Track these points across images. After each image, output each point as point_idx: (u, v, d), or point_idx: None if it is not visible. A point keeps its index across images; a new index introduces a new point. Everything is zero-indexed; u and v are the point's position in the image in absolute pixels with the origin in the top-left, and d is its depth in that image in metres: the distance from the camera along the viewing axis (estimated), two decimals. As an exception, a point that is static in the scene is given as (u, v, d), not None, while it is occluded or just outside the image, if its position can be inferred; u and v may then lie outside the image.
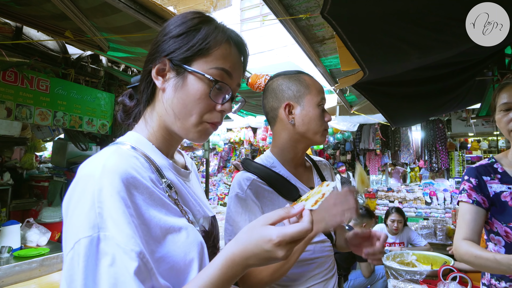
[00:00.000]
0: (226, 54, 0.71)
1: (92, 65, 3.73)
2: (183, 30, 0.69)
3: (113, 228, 0.54)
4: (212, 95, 0.69)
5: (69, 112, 3.39)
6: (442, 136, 7.07)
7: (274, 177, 1.13)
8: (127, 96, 0.80)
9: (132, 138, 0.71)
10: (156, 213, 0.62)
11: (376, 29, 1.53)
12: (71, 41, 2.53)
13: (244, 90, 3.89)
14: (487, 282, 1.38)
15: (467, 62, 2.66)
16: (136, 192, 0.60)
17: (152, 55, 0.72)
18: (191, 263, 0.66)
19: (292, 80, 1.16)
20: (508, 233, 1.25)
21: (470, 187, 1.35)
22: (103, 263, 0.53)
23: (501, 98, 1.29)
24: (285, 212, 0.60)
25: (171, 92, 0.70)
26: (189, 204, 0.75)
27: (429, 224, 4.12)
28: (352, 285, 3.42)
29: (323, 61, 2.75)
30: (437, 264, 2.80)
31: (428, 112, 4.00)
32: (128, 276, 0.53)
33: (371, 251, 1.07)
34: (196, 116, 0.70)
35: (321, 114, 1.15)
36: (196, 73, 0.69)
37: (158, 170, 0.68)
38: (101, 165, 0.58)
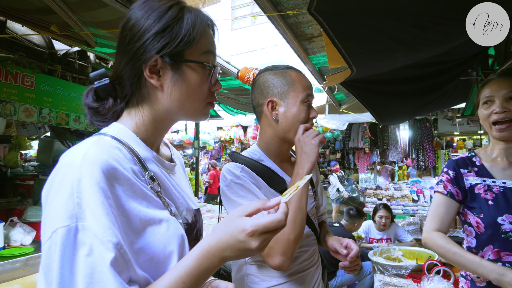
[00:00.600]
0: (210, 37, 0.74)
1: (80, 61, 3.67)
2: (165, 23, 0.67)
3: (91, 218, 0.54)
4: (212, 79, 0.74)
5: (56, 109, 3.33)
6: (429, 135, 7.22)
7: (261, 169, 1.14)
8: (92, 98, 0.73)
9: (116, 129, 0.70)
10: (136, 205, 0.62)
11: (363, 26, 1.55)
12: (57, 36, 2.49)
13: (234, 88, 3.89)
14: (464, 273, 1.43)
15: (452, 62, 2.72)
16: (117, 183, 0.60)
17: (137, 54, 0.68)
18: (171, 255, 0.66)
19: (278, 76, 1.16)
20: (479, 224, 1.30)
21: (447, 179, 1.41)
22: (80, 253, 0.53)
23: (484, 93, 1.34)
24: (261, 204, 0.61)
25: (171, 87, 0.70)
26: (172, 196, 0.75)
27: (415, 221, 4.21)
28: (340, 281, 3.46)
29: (312, 59, 2.78)
30: (422, 259, 2.86)
31: (415, 110, 4.08)
32: (104, 267, 0.53)
33: (347, 265, 1.13)
34: (202, 102, 0.74)
35: (305, 111, 1.14)
36: (191, 63, 0.70)
37: (141, 162, 0.68)
38: (82, 155, 0.58)
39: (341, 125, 6.92)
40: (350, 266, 1.12)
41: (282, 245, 0.97)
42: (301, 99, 1.13)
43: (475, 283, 1.34)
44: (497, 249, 1.26)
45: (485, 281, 1.30)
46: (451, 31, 1.58)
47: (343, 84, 2.51)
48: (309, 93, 1.15)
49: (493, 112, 1.28)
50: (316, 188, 1.34)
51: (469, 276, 1.38)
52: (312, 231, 1.22)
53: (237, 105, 5.13)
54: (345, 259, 1.12)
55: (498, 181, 1.32)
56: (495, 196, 1.29)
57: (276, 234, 0.60)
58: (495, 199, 1.29)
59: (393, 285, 2.35)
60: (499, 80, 1.31)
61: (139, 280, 0.59)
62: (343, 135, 8.38)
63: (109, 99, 0.73)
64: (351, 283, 3.59)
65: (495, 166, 1.35)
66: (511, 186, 1.29)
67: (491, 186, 1.32)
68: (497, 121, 1.28)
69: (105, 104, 0.73)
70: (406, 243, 3.71)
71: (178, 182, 0.82)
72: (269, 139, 1.20)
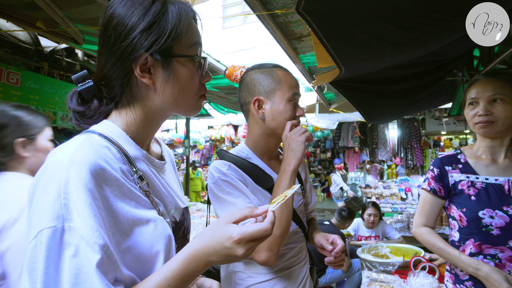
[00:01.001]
0: (195, 27, 0.73)
1: (67, 58, 3.61)
2: (151, 19, 0.65)
3: (78, 220, 0.54)
4: (203, 72, 0.74)
5: (42, 107, 3.27)
6: (417, 134, 7.35)
7: (248, 167, 1.15)
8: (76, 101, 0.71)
9: (106, 127, 0.69)
10: (124, 205, 0.62)
11: (350, 25, 1.58)
12: (44, 33, 2.45)
13: (225, 86, 3.89)
14: (449, 267, 1.49)
15: (438, 62, 2.78)
16: (105, 184, 0.59)
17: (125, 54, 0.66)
18: (157, 255, 0.66)
19: (265, 74, 1.16)
20: (462, 217, 1.37)
21: (432, 176, 1.48)
22: (66, 253, 0.53)
23: (470, 94, 1.38)
24: (249, 212, 0.62)
25: (163, 85, 0.69)
26: (161, 195, 0.75)
27: (403, 218, 4.29)
28: (329, 278, 3.50)
29: (302, 58, 2.80)
30: (408, 256, 2.92)
31: (403, 110, 4.15)
32: (90, 268, 0.53)
33: (332, 261, 1.14)
34: (195, 96, 0.74)
35: (291, 110, 1.14)
36: (181, 58, 0.70)
37: (130, 161, 0.67)
38: (70, 154, 0.58)
39: (331, 124, 6.99)
40: (336, 261, 1.13)
41: (268, 241, 0.98)
42: (287, 97, 1.13)
43: (459, 277, 1.40)
44: (478, 242, 1.31)
45: (468, 274, 1.36)
46: (435, 32, 1.62)
47: (332, 83, 2.54)
48: (295, 91, 1.15)
49: (477, 115, 1.34)
50: (304, 185, 1.35)
51: (454, 270, 1.43)
52: (299, 228, 1.23)
53: (227, 104, 5.12)
54: (330, 254, 1.14)
55: (481, 177, 1.37)
56: (478, 191, 1.35)
57: (262, 242, 0.62)
58: (478, 194, 1.34)
59: (380, 281, 2.39)
60: (484, 81, 1.35)
61: (125, 279, 0.60)
62: (333, 134, 8.46)
63: (94, 101, 0.71)
64: (340, 280, 3.64)
65: (479, 163, 1.40)
66: (493, 182, 1.34)
67: (474, 182, 1.37)
68: (480, 122, 1.34)
69: (90, 106, 0.71)
70: (393, 240, 3.77)
71: (168, 181, 0.82)
72: (256, 137, 1.21)
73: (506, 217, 1.26)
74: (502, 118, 1.30)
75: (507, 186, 1.31)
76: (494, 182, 1.34)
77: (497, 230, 1.28)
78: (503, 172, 1.36)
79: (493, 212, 1.29)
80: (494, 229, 1.28)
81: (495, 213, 1.28)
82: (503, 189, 1.31)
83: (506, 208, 1.28)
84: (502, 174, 1.35)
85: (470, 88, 1.39)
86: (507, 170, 1.36)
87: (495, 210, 1.29)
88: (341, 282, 3.72)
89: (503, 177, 1.33)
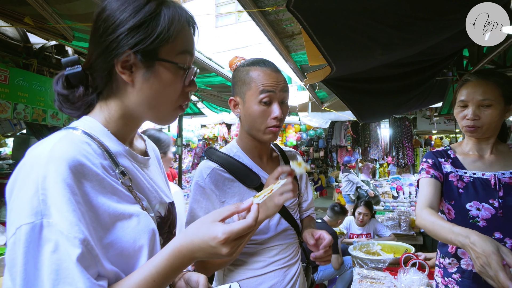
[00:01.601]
0: (188, 36, 0.71)
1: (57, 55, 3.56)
2: (141, 18, 0.65)
3: (56, 215, 0.54)
4: (186, 80, 0.71)
5: (31, 105, 3.22)
6: (408, 133, 7.43)
7: (235, 165, 1.15)
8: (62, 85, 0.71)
9: (87, 123, 0.69)
10: (106, 200, 0.62)
11: (341, 24, 1.59)
12: (32, 29, 2.40)
13: (217, 84, 3.87)
14: (438, 262, 1.53)
15: (429, 62, 2.81)
16: (84, 179, 0.59)
17: (109, 48, 0.66)
18: (141, 250, 0.66)
19: (243, 73, 1.15)
20: (450, 210, 1.42)
21: (428, 165, 1.49)
22: (45, 249, 0.53)
23: (460, 94, 1.41)
24: (235, 207, 0.63)
25: (141, 85, 0.68)
26: (145, 190, 0.75)
27: (394, 216, 4.34)
28: (321, 276, 3.52)
29: (293, 56, 2.81)
30: (399, 253, 2.96)
31: (394, 109, 4.19)
32: (71, 263, 0.53)
33: (318, 256, 1.12)
34: (172, 103, 0.71)
35: (263, 111, 1.09)
36: (166, 62, 0.67)
37: (112, 156, 0.67)
38: (48, 150, 0.57)
39: (324, 123, 7.02)
40: (322, 256, 1.11)
41: None
42: (258, 98, 1.09)
43: (447, 269, 1.44)
44: None
45: (455, 266, 1.41)
46: (422, 31, 1.64)
47: (323, 82, 2.55)
48: (269, 90, 1.09)
49: (466, 118, 1.37)
50: (299, 183, 1.34)
51: (442, 263, 1.47)
52: (291, 226, 1.23)
53: (220, 102, 5.11)
54: (316, 249, 1.12)
55: (468, 171, 1.43)
56: (465, 185, 1.40)
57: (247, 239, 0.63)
58: (465, 187, 1.39)
59: (371, 278, 2.42)
60: (475, 83, 1.36)
61: (108, 274, 0.59)
62: (326, 133, 8.51)
63: (80, 87, 0.71)
64: (332, 277, 3.67)
65: (467, 158, 1.46)
66: (480, 176, 1.40)
67: (462, 176, 1.42)
68: (468, 126, 1.38)
69: (75, 92, 0.70)
70: (385, 238, 3.81)
71: (152, 176, 0.81)
72: (242, 136, 1.22)
73: (492, 209, 1.32)
74: (487, 123, 1.34)
75: (493, 180, 1.36)
76: (481, 177, 1.39)
77: (483, 221, 1.32)
78: (489, 167, 1.41)
79: (480, 204, 1.34)
80: (480, 220, 1.33)
81: (481, 206, 1.33)
82: (489, 183, 1.36)
83: (492, 201, 1.33)
84: (488, 169, 1.40)
85: (461, 89, 1.41)
86: (493, 165, 1.41)
87: (482, 202, 1.34)
88: (333, 279, 3.75)
89: (489, 172, 1.39)
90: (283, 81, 1.14)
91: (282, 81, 1.13)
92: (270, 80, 1.11)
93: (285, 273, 1.17)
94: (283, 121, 1.16)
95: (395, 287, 2.18)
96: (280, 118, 1.12)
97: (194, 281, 0.81)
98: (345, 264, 3.61)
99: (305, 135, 8.73)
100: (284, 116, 1.15)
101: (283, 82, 1.14)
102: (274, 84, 1.10)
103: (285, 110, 1.15)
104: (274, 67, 1.16)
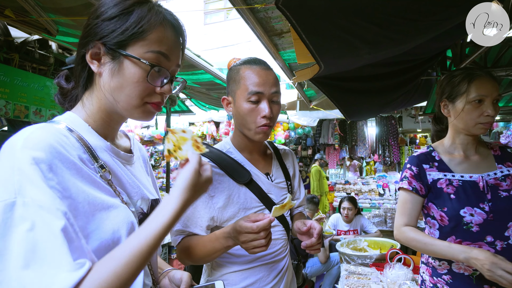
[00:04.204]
0: (162, 37, 0.70)
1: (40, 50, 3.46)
2: (115, 12, 0.68)
3: (33, 192, 0.53)
4: (150, 79, 0.69)
5: (13, 101, 3.12)
6: (394, 132, 7.58)
7: (226, 161, 1.15)
8: (63, 77, 0.78)
9: (68, 118, 0.71)
10: (85, 188, 0.62)
11: (328, 22, 1.60)
12: (14, 22, 2.32)
13: (206, 82, 3.85)
14: (426, 261, 1.50)
15: (413, 62, 2.87)
16: (62, 165, 0.59)
17: (85, 38, 0.70)
18: (119, 241, 0.66)
19: (234, 73, 1.16)
20: (443, 217, 1.36)
21: (411, 175, 1.45)
22: (19, 229, 0.51)
23: (474, 90, 1.32)
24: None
25: (107, 77, 0.70)
26: (125, 185, 0.75)
27: (380, 213, 4.42)
28: (309, 272, 3.56)
29: (282, 54, 2.82)
30: (385, 249, 3.02)
31: (380, 107, 4.27)
32: (52, 237, 0.51)
33: (309, 244, 1.09)
34: (136, 99, 0.70)
35: (251, 109, 1.10)
36: (132, 58, 0.68)
37: (91, 150, 0.68)
38: (25, 137, 0.58)
39: (312, 121, 7.08)
40: (314, 244, 1.09)
41: None
42: (246, 97, 1.10)
43: (436, 270, 1.41)
44: (459, 240, 1.33)
45: (446, 268, 1.38)
46: (408, 30, 1.67)
47: (312, 80, 2.57)
48: (256, 90, 1.09)
49: (484, 114, 1.32)
50: (292, 181, 1.35)
51: (431, 263, 1.44)
52: (279, 223, 1.24)
53: (209, 100, 5.08)
54: (307, 238, 1.11)
55: (456, 175, 1.39)
56: (456, 189, 1.36)
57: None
58: (456, 192, 1.35)
59: (358, 274, 2.46)
60: (488, 78, 1.33)
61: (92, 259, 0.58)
62: (314, 132, 8.58)
63: (71, 82, 0.77)
64: (320, 273, 3.71)
65: (453, 159, 1.42)
66: (468, 179, 1.36)
67: (451, 180, 1.38)
68: (488, 123, 1.32)
69: (68, 86, 0.77)
70: (371, 234, 3.88)
71: (135, 173, 0.82)
72: (235, 134, 1.24)
73: (483, 213, 1.29)
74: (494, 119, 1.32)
75: (481, 183, 1.34)
76: (469, 179, 1.36)
77: (476, 227, 1.29)
78: (476, 168, 1.38)
79: (472, 210, 1.31)
80: (473, 226, 1.30)
81: (474, 211, 1.30)
82: (477, 186, 1.34)
83: (482, 205, 1.30)
84: (475, 170, 1.38)
85: (474, 83, 1.33)
86: (479, 166, 1.39)
87: (474, 207, 1.31)
88: (320, 275, 3.79)
89: (476, 174, 1.36)
90: (274, 80, 1.14)
91: (272, 80, 1.13)
92: (259, 78, 1.11)
93: (270, 268, 1.18)
94: (275, 120, 1.14)
95: (381, 282, 2.22)
96: (270, 117, 1.11)
97: (178, 279, 0.82)
98: (333, 260, 3.67)
99: (293, 134, 8.78)
100: (275, 115, 1.14)
101: (273, 80, 1.14)
102: (263, 82, 1.10)
103: (276, 109, 1.15)
104: (265, 65, 1.16)
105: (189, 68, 3.35)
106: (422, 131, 8.06)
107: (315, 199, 3.98)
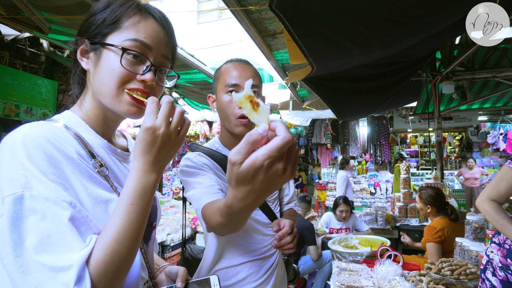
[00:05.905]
0: (139, 26, 0.70)
1: (31, 48, 3.42)
2: (100, 9, 0.72)
3: (39, 185, 0.55)
4: (126, 64, 0.68)
5: (3, 99, 3.09)
6: (385, 131, 7.69)
7: (217, 156, 1.19)
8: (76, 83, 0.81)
9: (66, 116, 0.73)
10: (84, 182, 0.64)
11: (321, 24, 1.64)
12: (5, 20, 2.30)
13: (199, 81, 3.86)
14: (500, 241, 1.47)
15: (404, 63, 2.94)
16: (61, 159, 0.61)
17: (76, 36, 0.74)
18: None
19: (216, 72, 1.24)
20: None
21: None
22: (31, 219, 0.53)
23: None
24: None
25: (92, 70, 0.72)
26: (122, 182, 0.76)
27: (371, 211, 4.48)
28: (301, 269, 3.60)
29: (275, 55, 2.85)
30: (376, 246, 3.07)
31: (371, 108, 4.33)
32: (62, 225, 0.55)
33: (275, 244, 1.03)
34: (114, 87, 0.69)
35: (229, 101, 1.14)
36: (109, 46, 0.69)
37: (88, 147, 0.69)
38: (23, 133, 0.59)
39: (305, 121, 7.13)
40: (280, 245, 1.03)
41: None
42: (224, 90, 1.15)
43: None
44: None
45: None
46: (399, 33, 1.72)
47: (304, 80, 2.61)
48: (232, 82, 1.13)
49: None
50: None
51: (507, 243, 1.43)
52: (269, 219, 1.26)
53: (202, 99, 5.09)
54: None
55: None
56: None
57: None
58: None
59: (349, 270, 2.50)
60: None
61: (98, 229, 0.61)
62: (307, 131, 8.64)
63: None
64: (312, 271, 3.76)
65: None
66: None
67: None
68: None
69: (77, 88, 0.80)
70: (362, 232, 3.94)
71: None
72: (222, 132, 1.27)
73: None
74: None
75: None
76: None
77: None
78: None
79: None
80: None
81: None
82: None
83: None
84: None
85: None
86: None
87: None
88: (313, 273, 3.84)
89: None
90: (251, 74, 1.17)
91: (249, 73, 1.17)
92: (236, 71, 1.16)
93: (261, 264, 1.21)
94: None
95: (372, 278, 2.27)
96: None
97: (174, 273, 0.84)
98: (325, 258, 3.71)
99: (286, 133, 8.82)
100: None
101: (250, 74, 1.17)
102: (239, 75, 1.15)
103: None
104: (244, 61, 1.21)
105: (183, 67, 3.36)
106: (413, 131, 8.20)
107: (307, 197, 4.04)
